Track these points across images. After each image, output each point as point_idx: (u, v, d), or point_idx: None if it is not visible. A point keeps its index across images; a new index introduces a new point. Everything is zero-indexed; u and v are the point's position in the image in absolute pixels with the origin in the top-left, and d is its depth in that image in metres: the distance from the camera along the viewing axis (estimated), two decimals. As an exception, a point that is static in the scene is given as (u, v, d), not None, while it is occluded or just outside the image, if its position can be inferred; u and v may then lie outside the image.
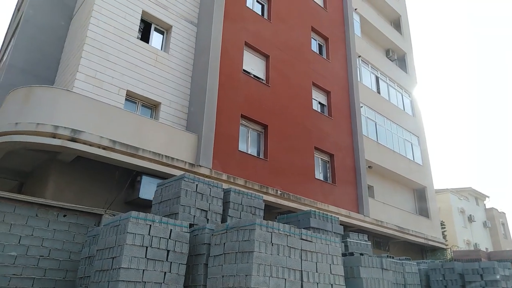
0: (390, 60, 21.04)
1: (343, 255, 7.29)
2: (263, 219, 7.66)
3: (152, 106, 10.56)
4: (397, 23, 23.00)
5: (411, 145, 19.53)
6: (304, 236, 5.66)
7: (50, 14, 11.41)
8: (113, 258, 4.98)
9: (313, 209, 11.62)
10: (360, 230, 14.27)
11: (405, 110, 20.27)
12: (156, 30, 11.32)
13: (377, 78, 19.02)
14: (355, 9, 18.69)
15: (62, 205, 6.60)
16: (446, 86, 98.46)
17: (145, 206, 9.01)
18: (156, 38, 11.26)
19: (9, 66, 10.24)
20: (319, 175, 13.54)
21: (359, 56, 17.82)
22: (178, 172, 9.11)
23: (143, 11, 10.77)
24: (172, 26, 11.36)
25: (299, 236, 5.57)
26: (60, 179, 8.26)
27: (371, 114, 17.41)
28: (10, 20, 15.54)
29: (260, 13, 13.73)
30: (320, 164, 13.85)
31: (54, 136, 7.58)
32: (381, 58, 20.12)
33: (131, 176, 8.94)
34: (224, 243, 5.34)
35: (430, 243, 17.86)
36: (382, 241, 16.39)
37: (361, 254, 7.44)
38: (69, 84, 9.26)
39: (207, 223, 6.53)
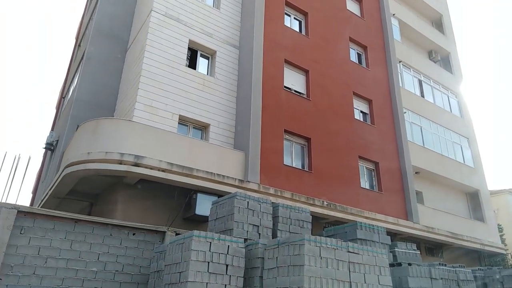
0: (433, 61, 20.65)
1: (391, 265, 7.54)
2: (311, 230, 8.16)
3: (202, 128, 11.39)
4: (438, 23, 22.52)
5: (461, 147, 18.99)
6: (351, 249, 6.04)
7: (108, 49, 12.67)
8: (180, 272, 5.68)
9: (360, 219, 12.02)
10: (410, 238, 14.22)
11: (452, 111, 19.76)
12: (202, 56, 12.20)
13: (420, 82, 18.78)
14: (393, 14, 18.66)
15: (131, 224, 7.47)
16: (495, 82, 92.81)
17: (201, 221, 9.78)
18: (202, 64, 12.13)
19: (76, 100, 11.53)
20: (364, 183, 13.70)
21: (400, 61, 17.75)
22: (229, 189, 9.83)
23: (189, 40, 11.69)
24: (216, 52, 12.19)
25: (346, 249, 5.97)
26: (127, 200, 9.23)
27: (415, 119, 17.24)
28: (72, 54, 17.26)
29: (298, 30, 14.26)
30: (365, 173, 14.00)
31: (120, 162, 8.56)
32: (424, 60, 19.83)
33: (187, 195, 9.74)
34: (277, 257, 5.86)
35: (487, 248, 17.21)
36: (434, 248, 16.10)
37: (409, 264, 7.63)
38: (129, 113, 10.30)
39: (259, 237, 7.10)
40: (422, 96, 18.53)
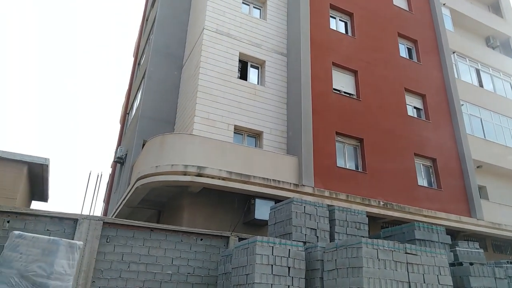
0: (492, 48, 19.57)
1: (452, 265, 7.55)
2: (368, 231, 8.36)
3: (256, 135, 11.95)
4: (496, 6, 21.26)
5: (528, 137, 17.82)
6: (409, 250, 6.22)
7: (166, 67, 13.70)
8: (246, 275, 6.23)
9: (419, 217, 11.92)
10: (474, 235, 13.75)
11: (516, 99, 18.60)
12: (252, 66, 12.78)
13: (477, 71, 17.92)
14: (444, 4, 18.00)
15: (199, 231, 8.19)
16: None
17: (260, 225, 10.34)
18: (252, 74, 12.71)
19: (141, 117, 12.63)
20: (422, 181, 13.47)
21: (454, 52, 17.10)
22: (285, 193, 10.28)
23: (240, 53, 12.31)
24: (265, 61, 12.71)
25: (403, 251, 6.16)
26: (192, 208, 10.02)
27: (474, 111, 16.52)
28: (133, 72, 18.70)
29: (344, 32, 14.36)
30: (422, 170, 13.76)
31: (185, 173, 9.35)
32: (480, 48, 18.88)
33: (246, 200, 10.34)
34: (336, 260, 6.21)
35: None
36: (503, 245, 15.34)
37: (471, 264, 7.58)
38: (189, 126, 11.13)
39: (318, 240, 7.47)
40: (481, 85, 17.67)
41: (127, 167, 12.81)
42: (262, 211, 10.01)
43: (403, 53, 15.53)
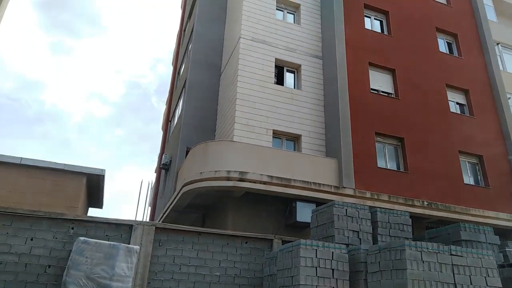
0: (541, 35, 18.50)
1: (501, 266, 7.38)
2: (412, 232, 8.34)
3: (294, 139, 12.17)
4: (543, -9, 20.07)
5: None
6: (454, 252, 6.20)
7: (205, 76, 14.24)
8: (292, 277, 6.48)
9: (466, 217, 11.66)
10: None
11: None
12: (288, 71, 13.02)
13: (525, 62, 17.05)
14: (485, -6, 17.30)
15: (243, 234, 8.53)
16: None
17: (302, 227, 10.54)
18: (289, 79, 12.94)
19: (184, 125, 13.23)
20: (468, 179, 13.08)
21: (498, 43, 16.41)
22: (326, 196, 10.43)
23: (275, 59, 12.60)
24: (301, 65, 12.90)
25: (448, 253, 6.16)
26: (235, 211, 10.42)
27: (523, 103, 15.74)
28: (173, 81, 19.51)
29: (379, 30, 14.25)
30: (468, 168, 13.36)
31: (228, 179, 9.75)
32: (528, 37, 17.93)
33: (287, 203, 10.58)
34: (379, 262, 6.31)
35: None
36: (560, 244, 14.49)
37: (523, 265, 7.37)
38: (229, 133, 11.55)
39: (360, 243, 7.57)
40: (530, 76, 16.80)
41: (172, 173, 13.45)
42: (303, 213, 10.21)
43: (443, 48, 15.13)
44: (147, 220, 18.51)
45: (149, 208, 22.97)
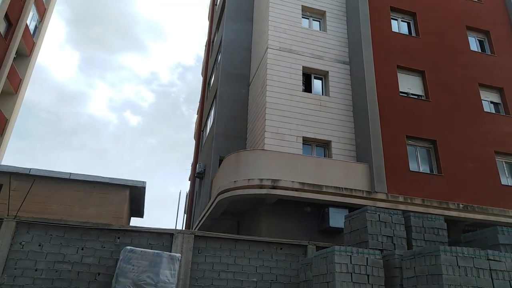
0: None
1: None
2: (448, 236, 8.30)
3: (324, 145, 12.31)
4: None
5: None
6: (491, 256, 6.19)
7: (234, 86, 14.65)
8: (327, 282, 6.66)
9: (505, 219, 11.35)
10: None
11: None
12: (315, 78, 13.20)
13: None
14: (518, -13, 16.77)
15: (278, 240, 8.79)
16: None
17: (334, 232, 10.66)
18: (316, 86, 13.12)
19: (216, 135, 13.66)
20: (506, 180, 12.72)
21: (534, 38, 15.83)
22: (358, 201, 10.50)
23: (303, 67, 12.82)
24: (328, 72, 13.05)
25: (485, 257, 6.15)
26: (269, 218, 10.68)
27: None
28: (203, 91, 20.08)
29: (407, 32, 14.17)
30: (505, 168, 12.99)
31: (261, 187, 10.04)
32: None
33: (320, 209, 10.73)
34: (414, 267, 6.39)
35: None
36: None
37: None
38: (260, 142, 11.86)
39: (395, 248, 7.63)
40: None
41: (207, 182, 13.90)
42: (336, 219, 10.33)
43: (474, 46, 14.82)
44: (183, 228, 19.08)
45: (185, 215, 23.62)
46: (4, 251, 6.93)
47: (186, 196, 26.90)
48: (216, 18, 19.91)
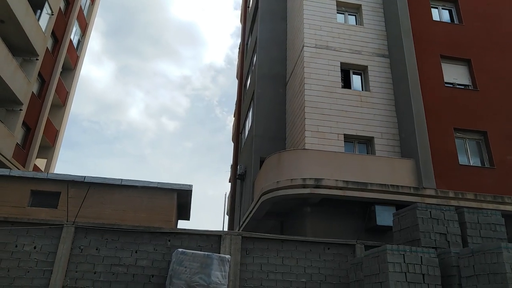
0: None
1: None
2: (506, 232, 7.85)
3: (366, 142, 12.03)
4: None
5: None
6: (559, 253, 5.78)
7: (271, 87, 14.66)
8: (380, 282, 6.50)
9: None
10: None
11: None
12: (354, 73, 12.93)
13: None
14: None
15: (325, 240, 8.69)
16: None
17: (382, 231, 10.38)
18: (356, 81, 12.85)
19: (255, 136, 13.73)
20: None
21: None
22: (405, 198, 10.18)
23: (341, 63, 12.60)
24: (367, 66, 12.74)
25: (553, 254, 5.76)
26: (313, 217, 10.58)
27: None
28: (240, 93, 20.26)
29: (449, 20, 13.57)
30: None
31: (304, 186, 9.98)
32: None
33: (365, 207, 10.50)
34: (473, 265, 6.10)
35: None
36: None
37: None
38: (300, 141, 11.78)
39: (449, 246, 7.32)
40: None
41: (248, 184, 14.00)
42: (383, 217, 10.07)
43: (524, 29, 13.91)
44: (226, 229, 19.35)
45: (227, 217, 23.93)
46: (66, 255, 7.33)
47: (227, 198, 27.25)
48: (249, 20, 20.01)
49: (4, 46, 14.57)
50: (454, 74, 12.59)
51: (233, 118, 29.59)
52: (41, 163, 20.84)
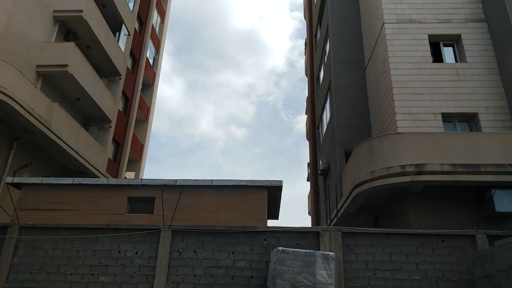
0: None
1: None
2: None
3: (468, 119, 10.61)
4: None
5: None
6: None
7: (348, 74, 13.77)
8: (524, 276, 5.38)
9: None
10: None
11: None
12: (445, 45, 11.55)
13: None
14: None
15: (438, 232, 7.61)
16: None
17: (504, 218, 8.96)
18: (448, 53, 11.47)
19: (337, 127, 12.94)
20: None
21: None
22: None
23: (428, 35, 11.34)
24: (460, 35, 11.31)
25: None
26: (417, 208, 9.48)
27: None
28: (312, 90, 19.56)
29: (557, -32, 11.50)
30: None
31: (403, 174, 8.97)
32: None
33: (478, 193, 9.15)
34: None
35: None
36: None
37: None
38: (390, 126, 10.75)
39: None
40: None
41: (333, 178, 13.22)
42: (503, 202, 8.68)
43: None
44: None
45: (310, 215, 23.20)
46: (166, 259, 7.30)
47: (309, 197, 26.49)
48: (316, 12, 19.26)
49: (92, 69, 15.65)
50: None
51: (305, 116, 28.86)
52: (130, 176, 22.14)
